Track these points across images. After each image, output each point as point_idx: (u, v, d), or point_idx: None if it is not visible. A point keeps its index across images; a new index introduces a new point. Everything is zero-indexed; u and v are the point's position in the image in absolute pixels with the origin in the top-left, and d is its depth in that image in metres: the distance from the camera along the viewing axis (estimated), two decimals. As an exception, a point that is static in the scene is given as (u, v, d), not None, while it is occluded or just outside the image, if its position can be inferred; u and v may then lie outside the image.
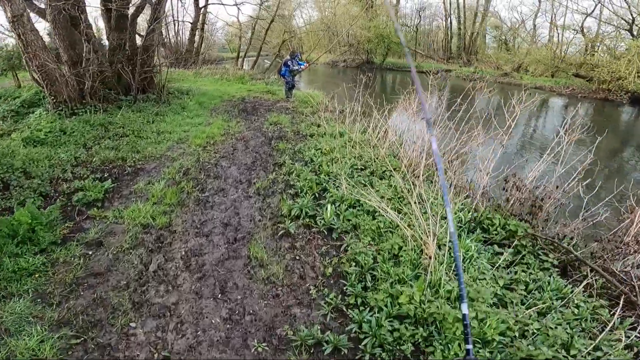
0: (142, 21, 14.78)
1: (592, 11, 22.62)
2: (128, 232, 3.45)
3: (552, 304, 2.51)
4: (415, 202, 3.22)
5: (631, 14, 19.57)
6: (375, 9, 30.53)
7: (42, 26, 10.56)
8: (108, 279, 2.84)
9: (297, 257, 3.20)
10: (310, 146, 5.53)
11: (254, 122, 7.27)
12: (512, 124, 3.56)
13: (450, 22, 34.33)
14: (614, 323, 2.30)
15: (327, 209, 3.64)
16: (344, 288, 2.76)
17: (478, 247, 3.17)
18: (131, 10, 8.58)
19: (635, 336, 2.23)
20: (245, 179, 4.64)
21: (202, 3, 20.53)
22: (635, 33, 19.70)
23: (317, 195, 4.12)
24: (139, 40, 9.72)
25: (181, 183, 4.43)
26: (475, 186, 3.96)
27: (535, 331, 2.24)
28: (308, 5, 34.74)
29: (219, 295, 2.71)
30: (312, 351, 2.26)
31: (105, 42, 9.16)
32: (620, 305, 2.25)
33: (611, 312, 2.44)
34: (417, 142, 4.90)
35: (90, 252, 3.15)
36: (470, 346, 1.10)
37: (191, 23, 20.66)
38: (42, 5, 7.31)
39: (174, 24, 21.96)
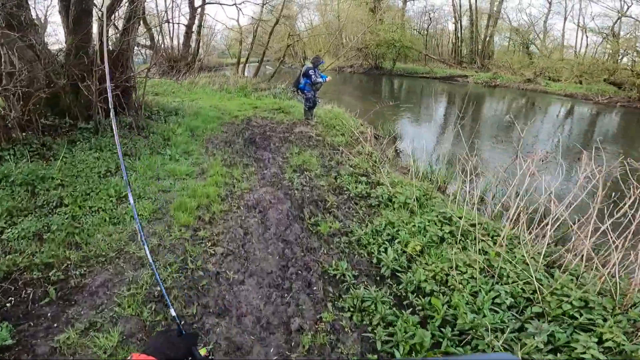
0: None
1: (627, 10, 20.61)
2: None
3: None
4: None
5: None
6: (383, 11, 28.43)
7: None
8: None
9: None
10: (379, 234, 3.22)
11: (269, 165, 4.95)
12: None
13: (461, 25, 32.40)
14: None
15: None
16: None
17: None
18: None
19: None
20: (278, 318, 2.34)
21: (197, 3, 18.33)
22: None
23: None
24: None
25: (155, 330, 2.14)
26: None
27: None
28: (310, 9, 32.66)
29: None
30: None
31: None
32: None
33: None
34: None
35: None
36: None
37: (186, 25, 18.41)
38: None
39: (168, 27, 19.73)
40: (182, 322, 2.33)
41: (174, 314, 0.99)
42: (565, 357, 1.96)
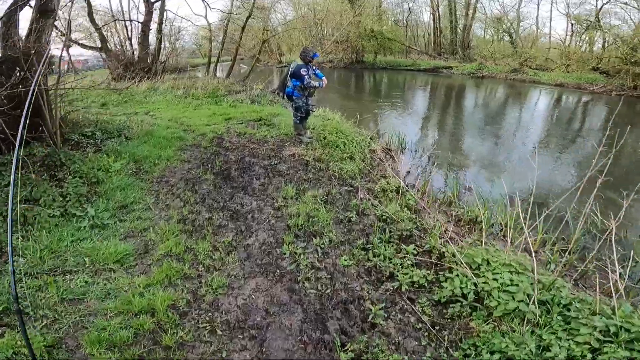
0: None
1: (610, -3, 19.97)
2: None
3: None
4: None
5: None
6: (362, 2, 26.83)
7: None
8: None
9: None
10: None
11: (255, 227, 3.18)
12: None
13: (439, 15, 31.44)
14: None
15: None
16: None
17: None
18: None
19: None
20: None
21: (154, -3, 15.90)
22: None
23: None
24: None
25: None
26: None
27: None
28: (283, 3, 30.52)
29: None
30: None
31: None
32: None
33: None
34: None
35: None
36: None
37: (141, 23, 15.94)
38: None
39: (124, 25, 17.20)
40: None
41: None
42: None
